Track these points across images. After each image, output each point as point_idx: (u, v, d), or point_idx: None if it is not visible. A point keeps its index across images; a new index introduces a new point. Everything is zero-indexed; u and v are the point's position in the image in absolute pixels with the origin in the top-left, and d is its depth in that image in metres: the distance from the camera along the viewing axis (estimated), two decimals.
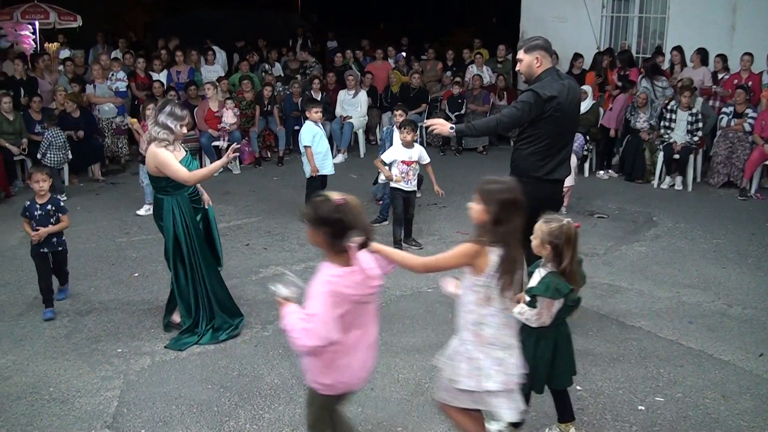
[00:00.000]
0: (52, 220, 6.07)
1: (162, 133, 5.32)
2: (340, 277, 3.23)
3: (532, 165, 5.43)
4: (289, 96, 12.87)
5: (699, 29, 12.51)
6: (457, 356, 3.55)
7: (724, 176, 10.40)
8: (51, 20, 14.29)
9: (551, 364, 4.02)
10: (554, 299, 3.82)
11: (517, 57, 5.56)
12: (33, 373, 5.12)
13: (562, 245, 3.82)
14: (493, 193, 3.43)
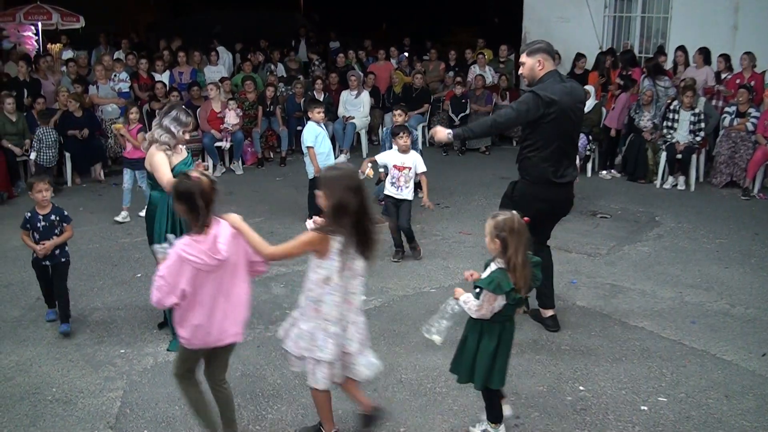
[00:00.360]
0: (56, 231, 5.77)
1: (164, 137, 5.35)
2: (187, 245, 3.69)
3: (544, 171, 5.47)
4: (292, 96, 12.87)
5: (701, 29, 12.50)
6: (292, 329, 4.03)
7: (726, 176, 10.39)
8: (54, 21, 14.31)
9: (492, 360, 4.07)
10: (496, 294, 3.90)
11: (520, 60, 5.59)
12: (36, 373, 5.13)
13: (507, 237, 3.91)
14: (332, 179, 3.84)
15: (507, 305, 3.98)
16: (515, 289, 3.91)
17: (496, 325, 4.04)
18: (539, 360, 5.32)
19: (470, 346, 4.09)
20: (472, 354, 4.08)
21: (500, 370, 4.11)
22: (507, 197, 5.81)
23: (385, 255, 7.37)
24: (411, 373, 5.12)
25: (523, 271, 3.93)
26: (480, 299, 3.97)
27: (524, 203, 5.45)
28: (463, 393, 4.84)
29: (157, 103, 11.86)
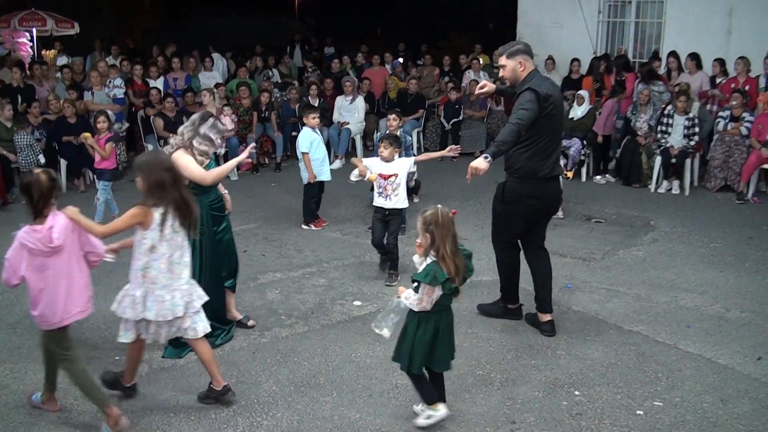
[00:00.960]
0: None
1: (203, 145, 5.39)
2: (26, 232, 4.25)
3: (535, 166, 5.55)
4: (287, 102, 12.88)
5: (695, 33, 12.55)
6: (124, 297, 4.53)
7: (721, 180, 10.42)
8: (48, 27, 14.28)
9: (431, 347, 4.35)
10: (433, 286, 4.19)
11: (500, 63, 5.69)
12: (31, 381, 5.10)
13: (434, 229, 4.21)
14: (146, 163, 4.51)
15: (444, 295, 4.27)
16: (450, 278, 4.19)
17: (432, 315, 4.32)
18: (534, 365, 5.32)
19: (409, 335, 4.36)
20: (410, 342, 4.35)
21: (443, 355, 4.43)
22: (498, 200, 5.87)
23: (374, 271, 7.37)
24: (406, 378, 5.09)
25: (453, 261, 4.21)
26: (419, 293, 4.25)
27: (517, 202, 5.64)
28: (459, 398, 4.85)
29: (152, 109, 11.86)
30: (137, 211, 4.43)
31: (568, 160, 11.17)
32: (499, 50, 5.78)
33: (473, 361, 5.37)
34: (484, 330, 5.90)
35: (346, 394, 4.92)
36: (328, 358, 5.43)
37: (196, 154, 5.39)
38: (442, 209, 4.29)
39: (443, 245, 4.21)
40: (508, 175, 5.74)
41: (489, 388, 5.01)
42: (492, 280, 6.94)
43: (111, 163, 8.74)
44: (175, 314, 4.48)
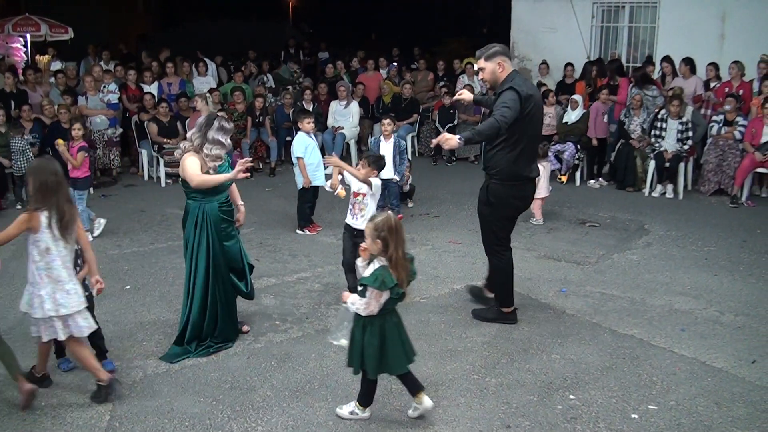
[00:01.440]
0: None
1: (215, 149, 5.42)
2: None
3: (518, 167, 5.68)
4: (281, 107, 12.88)
5: (688, 38, 12.59)
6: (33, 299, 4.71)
7: (714, 184, 10.45)
8: (42, 33, 14.28)
9: (381, 350, 4.38)
10: (381, 290, 4.23)
11: (479, 66, 5.75)
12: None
13: (387, 236, 4.24)
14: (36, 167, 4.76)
15: (390, 299, 4.32)
16: (398, 283, 4.24)
17: (376, 319, 4.35)
18: (529, 369, 5.32)
19: (357, 340, 4.41)
20: (359, 346, 4.40)
21: (396, 357, 4.44)
22: (483, 204, 5.93)
23: None
24: (401, 384, 5.10)
25: (404, 266, 4.29)
26: (366, 297, 4.28)
27: (503, 204, 5.77)
28: (454, 403, 4.85)
29: (146, 114, 11.84)
30: (25, 217, 4.63)
31: (562, 165, 11.20)
32: (477, 54, 5.82)
33: (468, 366, 5.37)
34: (478, 335, 5.90)
35: (341, 399, 4.91)
36: (322, 363, 5.42)
37: (207, 160, 5.42)
38: (392, 215, 4.35)
39: (396, 251, 4.27)
40: (490, 177, 5.83)
41: (484, 392, 5.00)
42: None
43: (84, 172, 8.58)
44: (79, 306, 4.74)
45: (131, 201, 10.28)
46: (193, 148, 5.43)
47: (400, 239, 4.28)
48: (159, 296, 6.77)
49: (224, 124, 5.49)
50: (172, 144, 11.38)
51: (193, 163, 5.38)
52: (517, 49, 15.56)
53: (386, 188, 8.65)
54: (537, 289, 6.92)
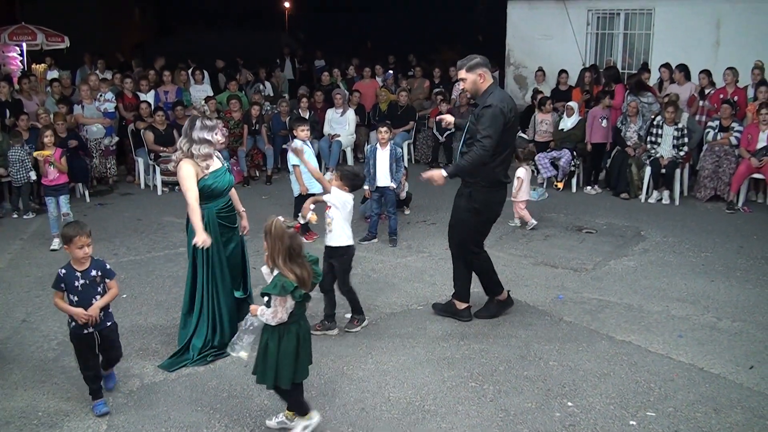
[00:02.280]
0: (99, 289, 4.79)
1: (203, 148, 5.40)
2: None
3: (500, 173, 5.95)
4: (277, 115, 12.89)
5: (683, 45, 12.65)
6: None
7: (710, 190, 10.46)
8: (38, 42, 14.28)
9: (295, 357, 4.37)
10: (282, 296, 4.22)
11: (460, 76, 5.95)
12: (21, 397, 5.08)
13: (268, 239, 4.32)
14: None
15: (297, 304, 4.30)
16: (297, 286, 4.22)
17: (291, 325, 4.34)
18: (527, 376, 5.32)
19: (272, 351, 4.33)
20: (275, 357, 4.32)
21: (303, 363, 4.44)
22: (468, 211, 6.06)
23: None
24: (399, 391, 5.11)
25: (291, 271, 4.24)
26: (272, 305, 4.26)
27: (488, 209, 6.03)
28: (452, 410, 4.84)
29: (143, 122, 11.84)
30: None
31: (558, 171, 11.22)
32: (458, 64, 6.01)
33: (466, 373, 5.36)
34: (476, 342, 5.90)
35: (338, 407, 4.90)
36: (320, 372, 5.40)
37: (199, 162, 5.40)
38: (278, 221, 4.34)
39: (275, 257, 4.28)
40: (472, 184, 5.96)
41: (482, 399, 5.00)
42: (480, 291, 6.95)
43: (65, 177, 8.66)
44: None
45: (128, 209, 10.26)
46: (184, 154, 5.42)
47: (281, 245, 4.26)
48: (156, 304, 6.76)
49: (206, 122, 5.46)
50: (168, 152, 11.37)
51: (188, 172, 5.36)
52: (512, 56, 15.61)
53: (383, 196, 8.67)
54: (534, 295, 6.92)
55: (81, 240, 4.67)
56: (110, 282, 4.84)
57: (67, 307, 4.69)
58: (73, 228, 4.76)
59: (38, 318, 6.44)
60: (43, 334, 6.08)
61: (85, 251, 4.69)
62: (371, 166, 8.66)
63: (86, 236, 4.71)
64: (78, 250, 4.66)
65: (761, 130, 10.05)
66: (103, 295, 4.79)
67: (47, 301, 6.82)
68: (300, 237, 4.40)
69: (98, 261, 4.86)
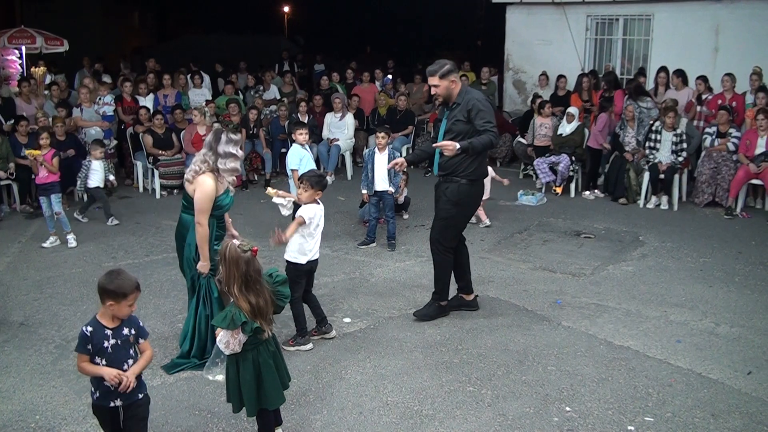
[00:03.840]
0: (131, 351, 3.94)
1: (229, 162, 5.32)
2: None
3: (482, 168, 6.30)
4: (276, 119, 12.90)
5: (682, 51, 12.68)
6: None
7: (708, 195, 10.47)
8: (38, 45, 14.29)
9: (257, 385, 4.12)
10: (230, 329, 3.95)
11: (431, 83, 6.15)
12: (19, 401, 5.07)
13: (222, 265, 4.05)
14: None
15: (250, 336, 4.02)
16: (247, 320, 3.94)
17: (248, 353, 4.09)
18: (525, 381, 5.32)
19: (232, 378, 4.16)
20: (236, 385, 4.15)
21: (271, 390, 4.15)
22: (450, 203, 6.20)
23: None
24: (397, 396, 5.10)
25: (247, 300, 3.98)
26: (224, 336, 4.00)
27: (470, 203, 6.30)
28: (450, 415, 4.83)
29: (141, 126, 11.84)
30: None
31: (557, 176, 11.23)
32: (428, 70, 6.16)
33: (464, 378, 5.36)
34: (474, 346, 5.89)
35: (336, 411, 4.89)
36: (318, 376, 5.40)
37: (226, 174, 5.36)
38: (233, 245, 4.04)
39: (230, 284, 4.02)
40: (457, 179, 6.13)
41: (480, 404, 4.99)
42: (483, 296, 6.95)
43: (57, 176, 8.72)
44: None
45: (126, 213, 10.25)
46: (209, 168, 5.30)
47: (237, 272, 3.99)
48: (153, 308, 6.75)
49: (231, 135, 5.43)
50: (167, 156, 11.38)
51: (211, 189, 5.27)
52: (511, 61, 15.63)
53: (381, 200, 8.67)
54: (532, 300, 6.92)
55: (135, 296, 3.82)
56: (144, 343, 4.00)
57: (96, 368, 3.81)
58: (127, 282, 3.80)
59: (36, 321, 6.43)
60: (41, 338, 6.08)
61: (133, 309, 3.85)
62: (369, 170, 8.67)
63: (137, 290, 3.84)
64: (127, 308, 3.81)
65: (760, 136, 10.06)
66: (136, 359, 3.93)
67: (45, 304, 6.83)
68: (257, 262, 4.09)
69: (132, 317, 3.95)
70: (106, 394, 3.86)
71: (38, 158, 8.64)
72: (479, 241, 8.82)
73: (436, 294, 6.52)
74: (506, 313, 6.62)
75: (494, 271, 7.76)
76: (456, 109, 6.07)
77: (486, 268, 7.85)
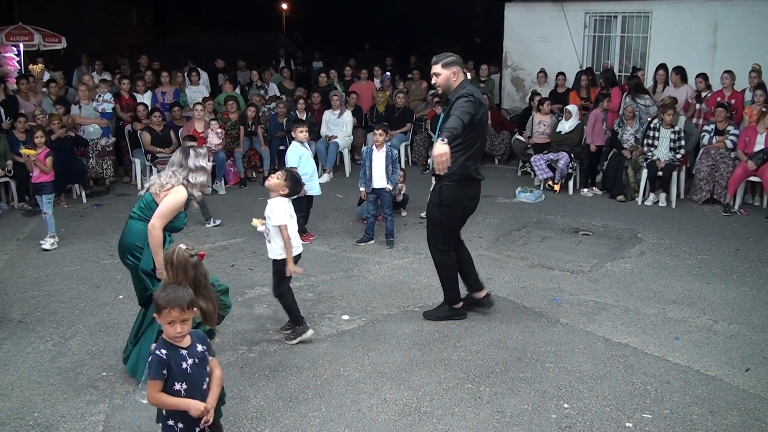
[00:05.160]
0: (207, 369, 3.66)
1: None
2: None
3: (469, 170, 5.99)
4: (274, 116, 12.89)
5: (681, 48, 12.67)
6: None
7: (706, 193, 10.48)
8: (35, 42, 14.25)
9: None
10: None
11: (434, 71, 6.04)
12: (17, 398, 5.07)
13: (170, 270, 3.84)
14: None
15: None
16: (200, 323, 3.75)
17: None
18: (523, 378, 5.32)
19: None
20: None
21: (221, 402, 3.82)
22: (434, 206, 6.13)
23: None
24: (396, 393, 5.10)
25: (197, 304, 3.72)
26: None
27: (455, 205, 6.08)
28: (448, 412, 4.84)
29: (139, 123, 11.83)
30: None
31: (555, 173, 11.23)
32: (434, 59, 6.09)
33: (462, 375, 5.36)
34: (472, 343, 5.90)
35: (334, 408, 4.90)
36: (316, 373, 5.40)
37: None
38: (180, 249, 3.86)
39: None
40: (442, 179, 6.01)
41: (478, 401, 5.00)
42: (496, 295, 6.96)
43: (51, 176, 8.66)
44: None
45: (124, 210, 10.18)
46: (177, 182, 5.20)
47: (184, 277, 3.81)
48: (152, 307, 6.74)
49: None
50: (165, 153, 11.37)
51: (181, 201, 5.15)
52: (509, 58, 15.61)
53: (379, 197, 8.67)
54: (530, 297, 6.93)
55: (171, 314, 3.42)
56: (213, 361, 3.69)
57: (178, 401, 3.45)
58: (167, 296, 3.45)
59: (34, 319, 6.43)
60: (39, 335, 6.08)
61: (177, 330, 3.43)
62: (367, 167, 8.67)
63: (180, 307, 3.42)
64: (168, 327, 3.45)
65: (760, 133, 10.05)
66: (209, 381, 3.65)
67: (44, 301, 6.83)
68: (204, 266, 3.88)
69: (196, 332, 3.66)
70: (190, 424, 3.52)
71: (31, 157, 8.60)
72: (477, 238, 8.82)
73: (446, 296, 6.45)
74: (504, 310, 6.62)
75: (492, 269, 7.76)
76: (450, 105, 5.99)
77: (484, 265, 7.85)
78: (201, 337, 3.62)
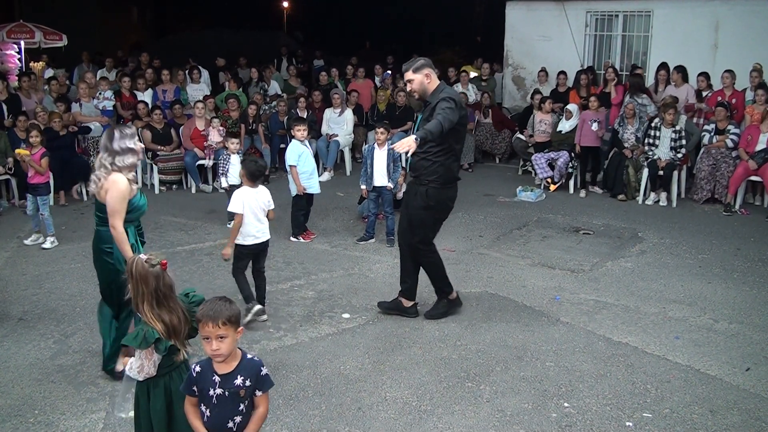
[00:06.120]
0: (240, 407, 3.28)
1: (128, 158, 5.00)
2: None
3: (453, 170, 6.13)
4: (275, 114, 12.88)
5: (682, 47, 12.66)
6: None
7: (707, 192, 10.47)
8: (36, 40, 14.26)
9: (168, 414, 3.64)
10: (142, 349, 3.53)
11: (407, 78, 6.07)
12: (18, 395, 5.07)
13: (130, 282, 3.63)
14: None
15: (166, 356, 3.60)
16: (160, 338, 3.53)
17: (160, 379, 3.63)
18: (523, 377, 5.32)
19: (143, 409, 3.67)
20: (147, 416, 3.66)
21: (183, 420, 3.50)
22: (421, 208, 6.13)
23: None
24: (396, 391, 5.11)
25: (160, 319, 3.55)
26: (137, 358, 3.59)
27: (440, 207, 6.16)
28: (448, 410, 4.84)
29: (140, 121, 11.83)
30: None
31: (554, 172, 11.22)
32: (403, 67, 6.14)
33: (462, 374, 5.36)
34: (473, 342, 5.90)
35: (334, 407, 4.90)
36: (316, 371, 5.40)
37: (127, 173, 5.00)
38: (140, 260, 3.63)
39: (139, 302, 3.58)
40: (427, 182, 6.03)
41: (478, 400, 5.00)
42: (481, 291, 6.97)
43: (46, 177, 8.62)
44: None
45: None
46: (108, 171, 4.96)
47: (145, 289, 3.57)
48: None
49: (123, 129, 5.11)
50: (165, 151, 11.37)
51: (125, 189, 4.93)
52: (510, 57, 15.61)
53: (380, 196, 8.66)
54: (531, 296, 6.93)
55: (205, 328, 3.19)
56: (260, 397, 3.33)
57: (197, 425, 3.32)
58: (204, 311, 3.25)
59: (35, 316, 6.43)
60: (39, 333, 6.08)
61: (213, 347, 3.18)
62: (368, 165, 8.67)
63: (216, 321, 3.18)
64: (204, 343, 3.23)
65: (763, 132, 10.03)
66: (244, 415, 3.31)
67: (44, 299, 6.84)
68: (168, 276, 3.65)
69: (252, 361, 3.32)
70: None
71: (25, 158, 8.56)
72: (478, 237, 8.82)
73: (440, 293, 6.48)
74: (505, 309, 6.62)
75: (493, 267, 7.76)
76: (428, 108, 6.00)
77: (485, 264, 7.86)
78: (252, 369, 3.30)
